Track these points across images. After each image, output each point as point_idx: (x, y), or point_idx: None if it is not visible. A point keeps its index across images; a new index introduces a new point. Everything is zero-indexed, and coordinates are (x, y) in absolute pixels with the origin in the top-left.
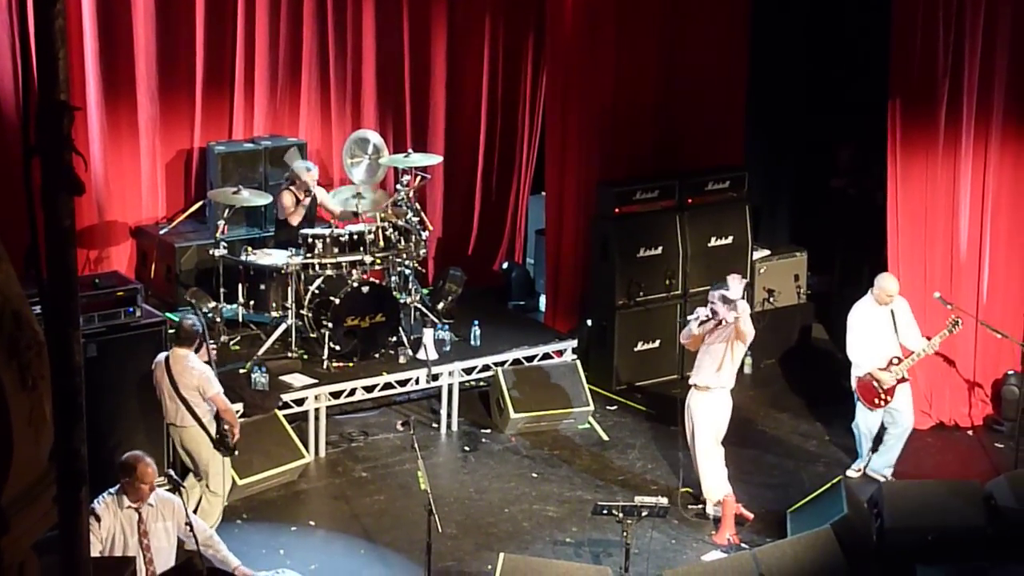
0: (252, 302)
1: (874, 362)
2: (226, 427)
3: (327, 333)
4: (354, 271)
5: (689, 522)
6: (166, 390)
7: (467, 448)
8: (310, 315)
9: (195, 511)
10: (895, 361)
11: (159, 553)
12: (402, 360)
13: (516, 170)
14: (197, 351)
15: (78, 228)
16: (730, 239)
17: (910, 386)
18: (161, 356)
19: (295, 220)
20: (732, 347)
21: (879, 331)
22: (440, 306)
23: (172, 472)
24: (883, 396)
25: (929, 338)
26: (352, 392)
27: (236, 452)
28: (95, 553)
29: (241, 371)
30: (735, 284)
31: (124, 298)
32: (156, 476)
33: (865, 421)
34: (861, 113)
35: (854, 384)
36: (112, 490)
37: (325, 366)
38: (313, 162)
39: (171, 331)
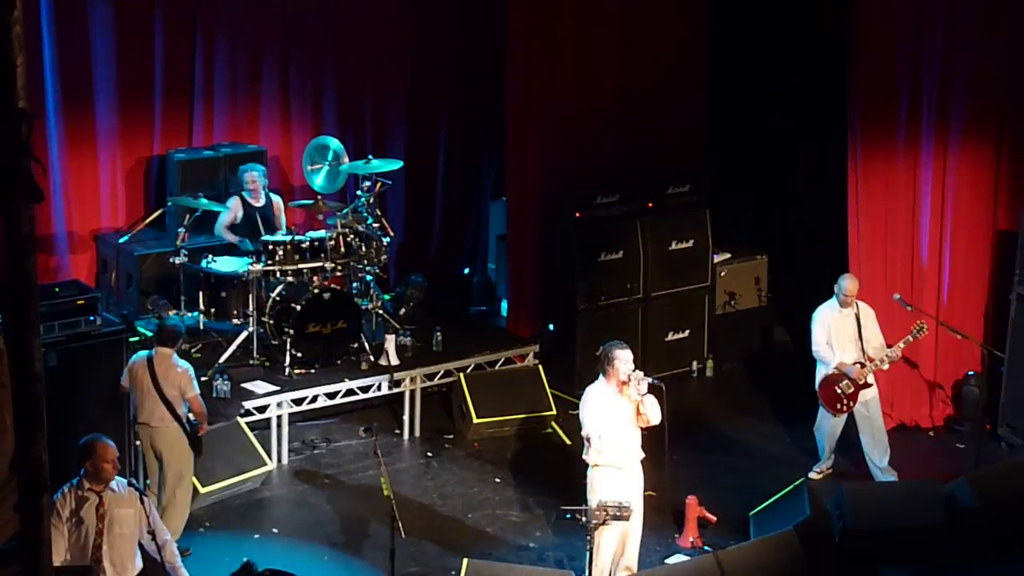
0: (213, 310)
1: (840, 358)
2: (197, 425)
3: (289, 340)
4: (315, 278)
5: (653, 525)
6: (146, 389)
7: (430, 454)
8: (271, 322)
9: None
10: (857, 366)
11: (121, 539)
12: (364, 366)
13: (477, 176)
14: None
15: (37, 236)
16: (691, 243)
17: (876, 390)
18: (141, 355)
19: (229, 238)
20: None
21: (842, 333)
22: (402, 312)
23: (134, 480)
24: (845, 402)
25: (890, 345)
26: (314, 399)
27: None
28: (62, 548)
29: (203, 379)
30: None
31: (84, 306)
32: (116, 453)
33: (828, 425)
34: (821, 117)
35: (817, 386)
36: (71, 481)
37: (287, 373)
38: (273, 169)
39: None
